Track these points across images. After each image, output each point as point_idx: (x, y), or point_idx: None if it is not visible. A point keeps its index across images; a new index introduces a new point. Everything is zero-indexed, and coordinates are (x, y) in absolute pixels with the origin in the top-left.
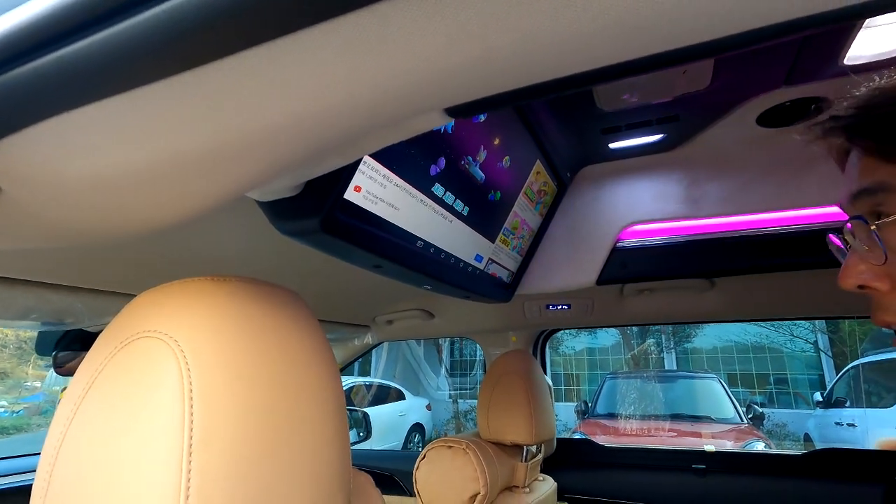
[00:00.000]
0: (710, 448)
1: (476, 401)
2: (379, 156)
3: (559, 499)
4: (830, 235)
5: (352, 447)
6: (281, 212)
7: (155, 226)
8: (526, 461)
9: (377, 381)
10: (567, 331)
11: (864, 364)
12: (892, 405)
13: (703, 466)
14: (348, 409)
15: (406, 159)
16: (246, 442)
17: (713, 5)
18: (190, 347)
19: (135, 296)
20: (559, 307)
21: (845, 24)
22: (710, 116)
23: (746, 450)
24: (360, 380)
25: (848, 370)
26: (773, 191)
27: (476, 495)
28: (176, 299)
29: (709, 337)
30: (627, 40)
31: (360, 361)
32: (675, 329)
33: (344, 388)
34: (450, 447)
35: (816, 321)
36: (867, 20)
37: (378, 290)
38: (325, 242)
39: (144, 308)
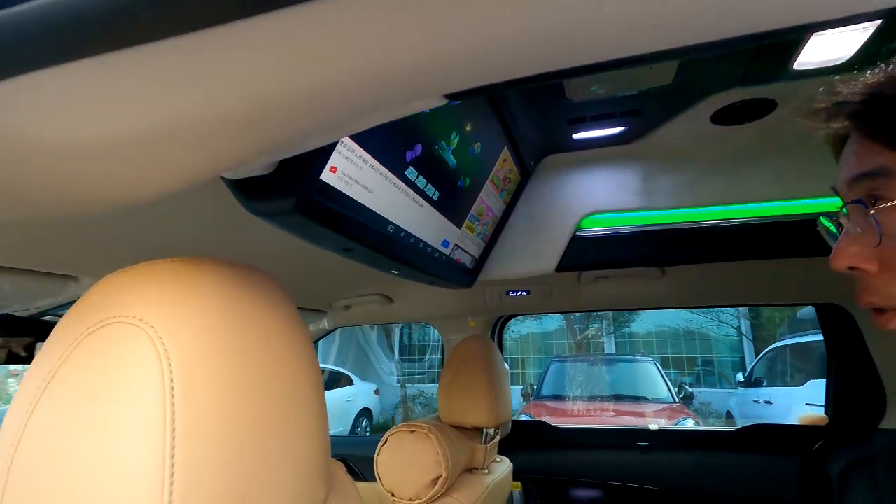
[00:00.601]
0: (653, 427)
1: (424, 385)
2: (357, 136)
3: (514, 479)
4: (821, 218)
5: None
6: (252, 191)
7: (118, 203)
8: (485, 443)
9: (328, 367)
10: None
11: (780, 347)
12: (803, 384)
13: (647, 444)
14: None
15: (383, 141)
16: (230, 433)
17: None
18: (167, 333)
19: (74, 278)
20: (519, 293)
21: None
22: (669, 111)
23: (678, 426)
24: None
25: (766, 353)
26: (721, 186)
27: (438, 478)
28: (148, 282)
29: (645, 322)
30: (617, 40)
31: None
32: (615, 315)
33: None
34: (412, 431)
35: (740, 308)
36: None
37: (337, 275)
38: (297, 224)
39: (112, 291)
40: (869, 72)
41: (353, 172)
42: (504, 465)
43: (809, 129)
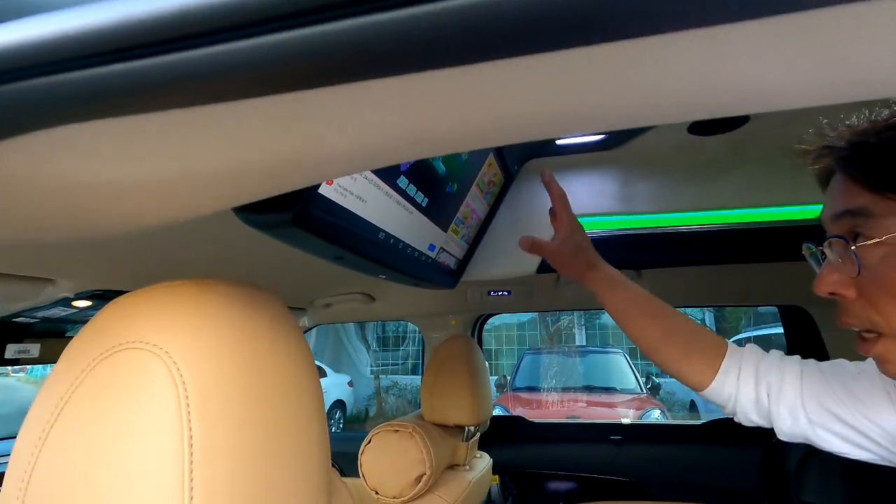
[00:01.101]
0: (626, 421)
1: (398, 376)
2: None
3: (492, 473)
4: (806, 245)
5: None
6: (251, 204)
7: (138, 227)
8: (467, 440)
9: None
10: None
11: (741, 339)
12: None
13: (619, 437)
14: None
15: None
16: (243, 455)
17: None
18: (183, 360)
19: (51, 280)
20: (500, 293)
21: None
22: None
23: (646, 417)
24: None
25: None
26: (696, 193)
27: (422, 476)
28: (160, 306)
29: None
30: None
31: None
32: None
33: None
34: (396, 431)
35: None
36: None
37: (319, 275)
38: (292, 236)
39: (124, 315)
40: (854, 117)
41: (348, 184)
42: (484, 461)
43: (777, 145)
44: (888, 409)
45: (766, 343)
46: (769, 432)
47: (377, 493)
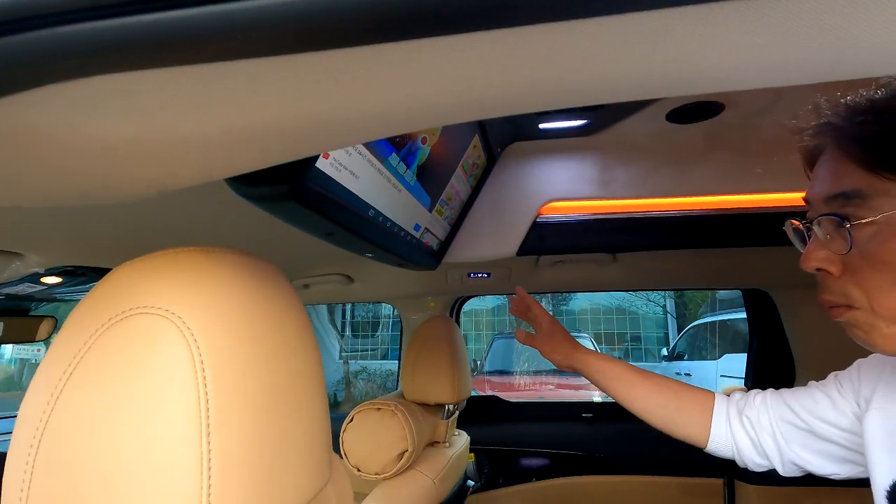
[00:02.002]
0: (597, 399)
1: (367, 361)
2: None
3: (469, 451)
4: (791, 221)
5: None
6: (246, 175)
7: (129, 196)
8: (446, 418)
9: None
10: None
11: (700, 324)
12: (719, 357)
13: (591, 415)
14: None
15: None
16: (253, 421)
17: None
18: (195, 324)
19: (19, 255)
20: (480, 275)
21: None
22: (629, 108)
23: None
24: None
25: (688, 329)
26: (672, 180)
27: (404, 452)
28: (169, 271)
29: (580, 300)
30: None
31: None
32: (553, 293)
33: None
34: (378, 409)
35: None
36: None
37: (298, 254)
38: (287, 210)
39: (132, 280)
40: (849, 96)
41: (343, 159)
42: (462, 438)
43: (748, 134)
44: (828, 405)
45: (722, 330)
46: None
47: (359, 469)
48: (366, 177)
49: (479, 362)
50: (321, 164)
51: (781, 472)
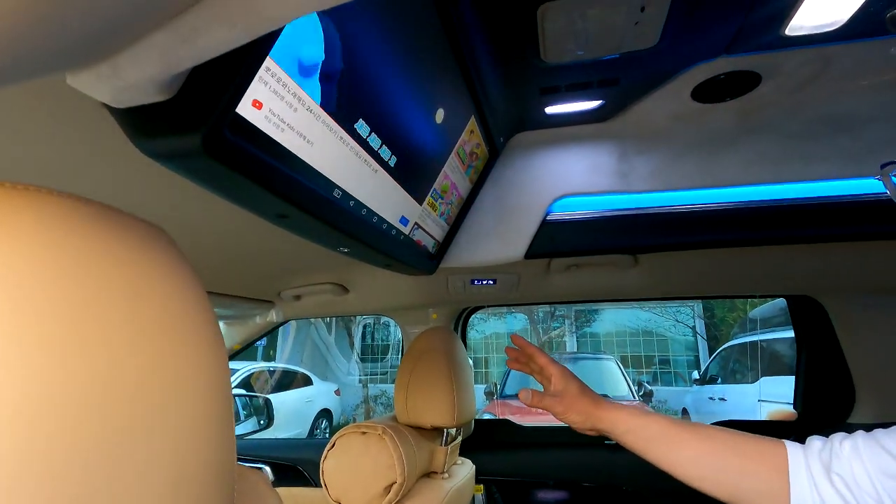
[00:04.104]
0: None
1: (387, 385)
2: (289, 65)
3: (477, 481)
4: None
5: (251, 437)
6: (144, 123)
7: None
8: (446, 445)
9: (281, 366)
10: (477, 316)
11: (733, 346)
12: (755, 381)
13: (614, 441)
14: (248, 396)
15: (325, 77)
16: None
17: None
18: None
19: None
20: (484, 282)
21: None
22: (650, 83)
23: None
24: (262, 365)
25: (720, 352)
26: (697, 168)
27: (392, 484)
28: None
29: (605, 322)
30: None
31: (265, 345)
32: (576, 314)
33: (243, 375)
34: (363, 433)
35: (695, 307)
36: None
37: (285, 260)
38: (210, 172)
39: None
40: None
41: (285, 114)
42: (466, 468)
43: (789, 112)
44: None
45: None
46: (777, 435)
47: (340, 503)
48: (324, 145)
49: (497, 385)
50: (251, 113)
51: None
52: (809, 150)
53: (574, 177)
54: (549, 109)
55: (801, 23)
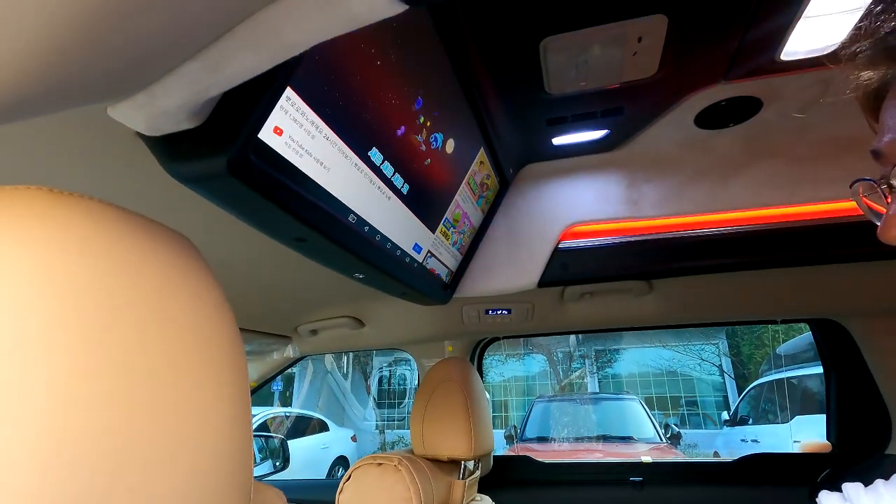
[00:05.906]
0: (647, 459)
1: (404, 431)
2: (307, 95)
3: None
4: (862, 182)
5: (267, 478)
6: (175, 149)
7: None
8: (463, 478)
9: (297, 411)
10: (495, 358)
11: (762, 384)
12: (788, 420)
13: (640, 479)
14: (264, 437)
15: (338, 104)
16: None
17: None
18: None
19: None
20: (499, 312)
21: (784, 20)
22: (653, 111)
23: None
24: (279, 410)
25: (749, 391)
26: (705, 193)
27: None
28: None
29: (627, 362)
30: None
31: (281, 391)
32: (597, 355)
33: (260, 420)
34: (379, 465)
35: (720, 344)
36: (804, 13)
37: (301, 293)
38: (234, 193)
39: None
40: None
41: (303, 140)
42: None
43: (793, 136)
44: None
45: (789, 389)
46: (811, 468)
47: None
48: (340, 171)
49: (517, 428)
50: (272, 139)
51: None
52: (818, 171)
53: (584, 205)
54: (557, 140)
55: (794, 48)
